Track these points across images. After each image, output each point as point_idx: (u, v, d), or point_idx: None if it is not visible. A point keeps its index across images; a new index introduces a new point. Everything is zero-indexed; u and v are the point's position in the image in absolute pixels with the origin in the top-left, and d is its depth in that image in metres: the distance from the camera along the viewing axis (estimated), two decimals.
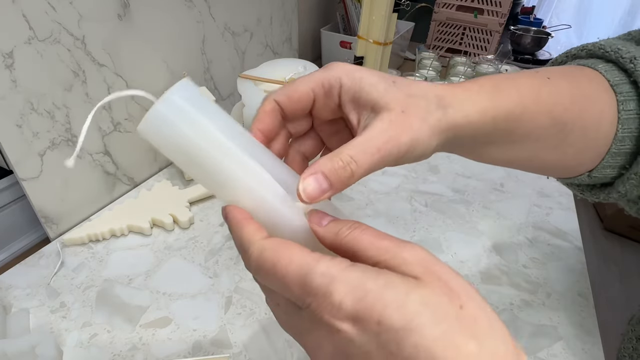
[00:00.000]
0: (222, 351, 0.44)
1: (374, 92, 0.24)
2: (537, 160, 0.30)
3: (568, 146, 0.29)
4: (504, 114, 0.26)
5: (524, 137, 0.28)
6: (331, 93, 0.25)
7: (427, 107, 0.24)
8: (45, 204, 0.54)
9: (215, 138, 0.21)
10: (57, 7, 0.48)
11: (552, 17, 2.24)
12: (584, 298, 0.52)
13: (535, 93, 0.27)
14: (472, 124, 0.25)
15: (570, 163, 0.31)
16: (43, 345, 0.40)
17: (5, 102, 0.46)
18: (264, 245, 0.20)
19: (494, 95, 0.26)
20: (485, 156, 0.29)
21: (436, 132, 0.24)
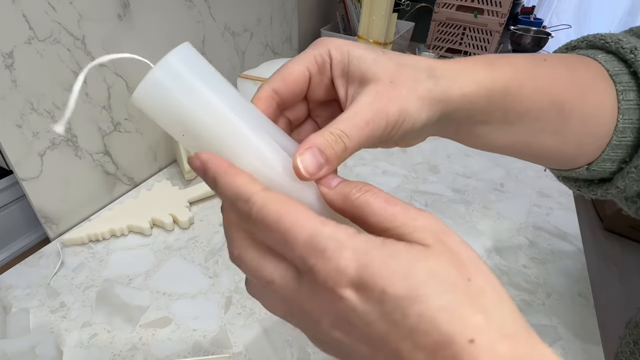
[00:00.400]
0: (222, 351, 0.44)
1: (362, 64, 0.23)
2: (536, 145, 0.29)
3: (569, 133, 0.28)
4: (501, 87, 0.25)
5: (522, 117, 0.27)
6: (324, 68, 0.24)
7: (417, 77, 0.23)
8: (45, 204, 0.54)
9: (217, 107, 0.20)
10: (57, 7, 0.48)
11: (552, 17, 2.24)
12: (584, 298, 0.52)
13: (532, 71, 0.27)
14: (466, 97, 0.24)
15: (570, 152, 0.30)
16: (43, 345, 0.40)
17: (5, 102, 0.46)
18: (268, 197, 0.18)
19: (489, 69, 0.25)
20: (481, 138, 0.28)
21: (426, 103, 0.23)
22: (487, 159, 0.79)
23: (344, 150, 0.21)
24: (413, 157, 0.79)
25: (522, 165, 0.78)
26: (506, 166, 0.77)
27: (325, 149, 0.21)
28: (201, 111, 0.20)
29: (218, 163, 0.20)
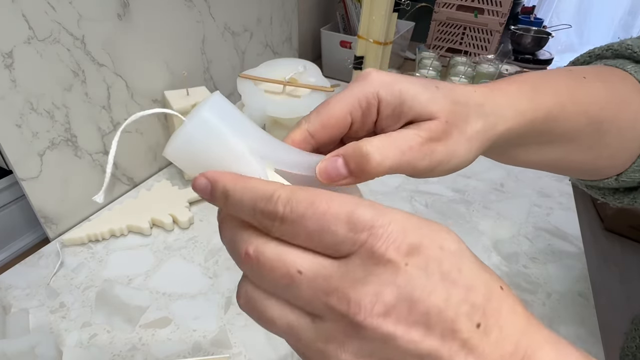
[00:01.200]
0: (222, 351, 0.44)
1: (416, 104, 0.22)
2: (567, 160, 0.29)
3: (604, 147, 0.28)
4: (543, 115, 0.25)
5: (559, 137, 0.27)
6: (369, 112, 0.23)
7: (468, 117, 0.23)
8: (44, 204, 0.54)
9: (248, 161, 0.20)
10: (56, 7, 0.48)
11: (553, 17, 2.24)
12: (584, 298, 0.52)
13: (572, 93, 0.27)
14: (510, 130, 0.24)
15: (602, 164, 0.30)
16: (43, 346, 0.40)
17: (5, 102, 0.46)
18: (292, 188, 0.17)
19: (533, 96, 0.25)
20: (514, 158, 0.28)
21: (475, 145, 0.23)
22: (487, 159, 0.79)
23: (372, 168, 0.21)
24: None
25: None
26: (506, 166, 0.77)
27: (350, 160, 0.20)
28: (228, 158, 0.20)
29: (227, 175, 0.19)
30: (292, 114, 0.56)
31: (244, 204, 0.18)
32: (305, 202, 0.16)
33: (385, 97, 0.22)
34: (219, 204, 0.20)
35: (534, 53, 1.39)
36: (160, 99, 0.66)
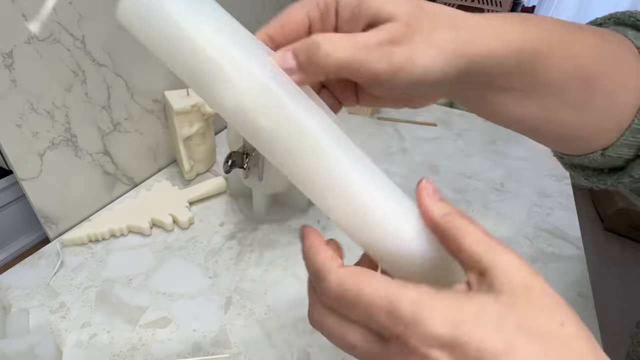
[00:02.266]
0: (222, 351, 0.44)
1: (374, 5, 0.21)
2: (555, 122, 0.26)
3: (591, 109, 0.26)
4: (530, 49, 0.22)
5: (546, 86, 0.24)
6: (328, 14, 0.22)
7: (436, 24, 0.21)
8: (44, 204, 0.54)
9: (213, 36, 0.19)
10: (57, 7, 0.48)
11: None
12: (584, 298, 0.52)
13: (564, 36, 0.24)
14: (492, 55, 0.21)
15: (588, 133, 0.27)
16: (43, 345, 0.40)
17: (5, 102, 0.46)
18: (342, 274, 0.19)
19: (521, 27, 0.22)
20: (498, 108, 0.25)
21: (443, 55, 0.20)
22: (487, 159, 0.79)
23: (322, 59, 0.20)
24: (413, 157, 0.79)
25: (523, 165, 0.78)
26: (506, 166, 0.77)
27: (300, 52, 0.20)
28: (188, 32, 0.19)
29: (310, 237, 0.22)
30: None
31: (307, 266, 0.21)
32: (353, 291, 0.18)
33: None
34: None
35: None
36: (161, 99, 0.66)
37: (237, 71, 0.19)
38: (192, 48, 0.19)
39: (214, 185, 0.65)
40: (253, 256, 0.55)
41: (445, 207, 0.20)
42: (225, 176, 0.67)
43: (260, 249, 0.57)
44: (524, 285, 0.17)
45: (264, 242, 0.58)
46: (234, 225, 0.60)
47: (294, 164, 0.21)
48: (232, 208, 0.64)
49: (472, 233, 0.19)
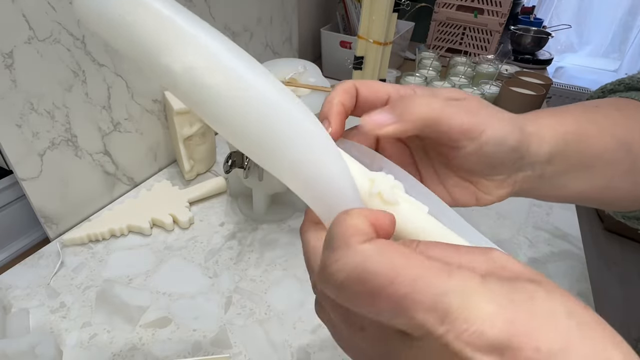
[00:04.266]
0: (222, 351, 0.44)
1: (448, 96, 0.25)
2: (611, 189, 0.29)
3: (638, 172, 0.29)
4: (571, 131, 0.26)
5: (596, 160, 0.28)
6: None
7: (496, 108, 0.25)
8: (45, 204, 0.54)
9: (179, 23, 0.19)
10: (57, 7, 0.48)
11: (552, 17, 2.24)
12: (584, 298, 0.52)
13: (590, 116, 0.28)
14: (544, 140, 0.25)
15: (639, 192, 0.31)
16: (43, 345, 0.40)
17: (5, 102, 0.46)
18: (367, 249, 0.15)
19: (554, 117, 0.27)
20: (563, 190, 0.29)
21: (507, 123, 0.24)
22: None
23: (421, 109, 0.22)
24: None
25: None
26: None
27: (396, 106, 0.23)
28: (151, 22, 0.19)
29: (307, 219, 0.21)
30: None
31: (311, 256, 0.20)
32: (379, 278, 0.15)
33: (420, 91, 0.26)
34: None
35: (534, 53, 1.39)
36: (161, 99, 0.66)
37: (183, 36, 0.20)
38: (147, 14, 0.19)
39: (214, 185, 0.65)
40: (253, 256, 0.55)
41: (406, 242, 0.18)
42: (225, 176, 0.67)
43: (260, 249, 0.57)
44: (531, 271, 0.16)
45: (264, 242, 0.58)
46: (234, 225, 0.60)
47: (242, 125, 0.19)
48: (232, 208, 0.64)
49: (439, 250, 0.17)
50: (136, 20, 0.18)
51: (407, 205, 0.21)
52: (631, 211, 0.33)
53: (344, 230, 0.16)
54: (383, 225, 0.17)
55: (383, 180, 0.21)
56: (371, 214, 0.17)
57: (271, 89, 0.19)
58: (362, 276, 0.15)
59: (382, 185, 0.21)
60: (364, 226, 0.16)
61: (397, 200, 0.21)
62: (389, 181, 0.21)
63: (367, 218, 0.17)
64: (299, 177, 0.19)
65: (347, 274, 0.15)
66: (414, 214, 0.21)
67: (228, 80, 0.19)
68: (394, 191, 0.21)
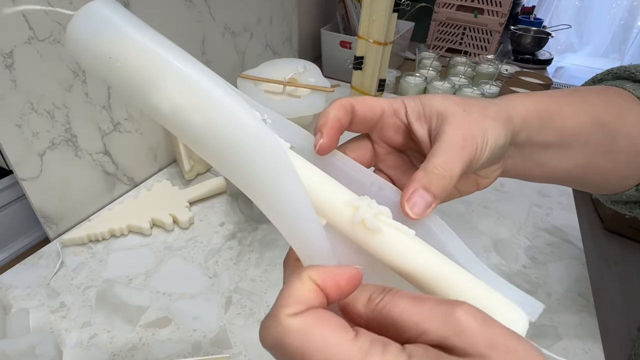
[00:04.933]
0: (222, 351, 0.44)
1: (435, 104, 0.26)
2: (593, 168, 0.30)
3: (618, 152, 0.30)
4: (544, 109, 0.28)
5: (575, 139, 0.29)
6: (399, 114, 0.27)
7: (482, 104, 0.26)
8: (45, 204, 0.54)
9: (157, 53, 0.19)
10: (57, 6, 0.48)
11: (552, 17, 2.24)
12: (584, 298, 0.52)
13: (566, 97, 0.29)
14: (522, 117, 0.27)
15: (621, 172, 0.32)
16: (43, 345, 0.40)
17: (5, 102, 0.46)
18: (290, 325, 0.16)
19: (529, 97, 0.28)
20: (545, 167, 0.30)
21: (499, 122, 0.25)
22: None
23: (450, 182, 0.23)
24: None
25: None
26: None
27: (431, 186, 0.23)
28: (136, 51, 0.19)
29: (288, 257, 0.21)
30: (292, 114, 0.56)
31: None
32: (296, 352, 0.16)
33: (409, 103, 0.27)
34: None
35: (534, 53, 1.39)
36: None
37: (170, 72, 0.19)
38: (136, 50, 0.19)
39: (214, 185, 0.65)
40: (253, 256, 0.55)
41: (360, 294, 0.18)
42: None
43: (260, 249, 0.57)
44: (487, 341, 0.15)
45: (264, 242, 0.58)
46: (234, 225, 0.60)
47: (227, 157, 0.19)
48: (232, 208, 0.64)
49: (399, 306, 0.17)
50: (124, 58, 0.19)
51: (392, 231, 0.21)
52: (616, 193, 0.34)
53: (281, 299, 0.17)
54: (337, 285, 0.17)
55: (366, 208, 0.21)
56: (324, 274, 0.17)
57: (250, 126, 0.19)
58: (279, 348, 0.17)
59: (365, 213, 0.21)
60: (304, 294, 0.17)
61: (380, 227, 0.21)
62: (372, 208, 0.21)
63: (316, 281, 0.17)
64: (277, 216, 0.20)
65: (270, 342, 0.17)
66: (399, 240, 0.21)
67: (212, 118, 0.19)
68: (379, 218, 0.21)
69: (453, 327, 0.15)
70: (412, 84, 0.97)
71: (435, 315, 0.16)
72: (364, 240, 0.21)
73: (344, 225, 0.21)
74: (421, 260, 0.21)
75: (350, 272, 0.18)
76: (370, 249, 0.21)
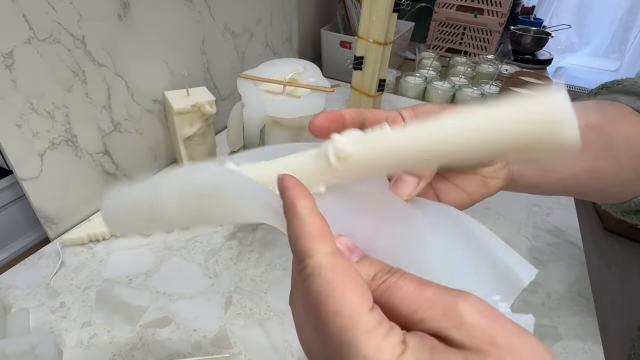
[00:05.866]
0: (222, 351, 0.44)
1: (425, 108, 0.27)
2: (598, 172, 0.31)
3: (620, 155, 0.30)
4: None
5: None
6: (395, 122, 0.27)
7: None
8: (45, 204, 0.54)
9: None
10: (57, 7, 0.48)
11: (552, 17, 2.24)
12: (584, 298, 0.52)
13: None
14: None
15: (626, 177, 0.32)
16: (43, 345, 0.40)
17: (5, 102, 0.46)
18: (323, 264, 0.16)
19: None
20: (552, 173, 0.30)
21: None
22: None
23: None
24: None
25: None
26: None
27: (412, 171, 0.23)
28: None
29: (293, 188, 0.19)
30: (292, 114, 0.56)
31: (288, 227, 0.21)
32: (318, 293, 0.16)
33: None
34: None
35: (534, 53, 1.39)
36: (161, 99, 0.66)
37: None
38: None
39: None
40: (253, 256, 0.55)
41: (366, 269, 0.18)
42: None
43: (260, 249, 0.57)
44: (489, 338, 0.15)
45: (264, 242, 0.58)
46: (234, 225, 0.60)
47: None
48: None
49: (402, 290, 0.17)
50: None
51: (370, 140, 0.20)
52: (625, 202, 0.34)
53: (304, 239, 0.18)
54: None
55: (329, 147, 0.21)
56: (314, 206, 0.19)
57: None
58: (305, 287, 0.17)
59: (329, 151, 0.20)
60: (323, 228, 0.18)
61: (347, 149, 0.20)
62: (334, 142, 0.20)
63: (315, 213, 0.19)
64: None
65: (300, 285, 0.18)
66: (380, 140, 0.20)
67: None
68: (342, 144, 0.20)
69: (453, 319, 0.15)
70: (412, 84, 0.97)
71: (436, 305, 0.15)
72: (350, 172, 0.21)
73: (328, 176, 0.21)
74: (411, 147, 0.19)
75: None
76: (362, 173, 0.21)
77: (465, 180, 0.29)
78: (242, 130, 0.52)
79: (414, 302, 0.16)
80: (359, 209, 0.22)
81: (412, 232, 0.22)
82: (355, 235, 0.20)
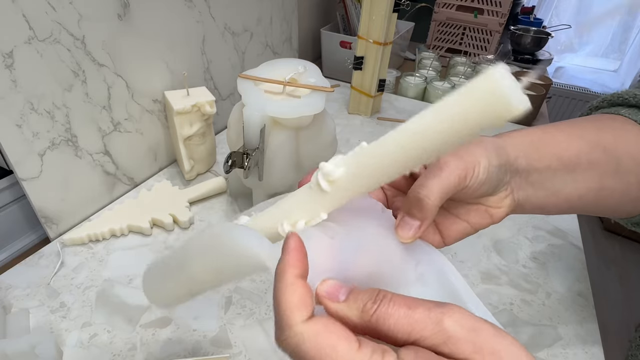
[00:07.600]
0: (222, 351, 0.44)
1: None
2: (606, 190, 0.30)
3: (626, 172, 0.30)
4: (537, 137, 0.29)
5: (574, 162, 0.29)
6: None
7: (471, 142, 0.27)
8: (45, 204, 0.54)
9: None
10: (57, 7, 0.48)
11: (552, 17, 2.24)
12: (584, 298, 0.52)
13: (556, 127, 0.30)
14: (514, 144, 0.28)
15: (637, 193, 0.31)
16: (43, 345, 0.40)
17: (5, 102, 0.46)
18: (304, 332, 0.17)
19: (521, 131, 0.29)
20: (559, 194, 0.30)
21: (488, 145, 0.26)
22: None
23: (429, 202, 0.24)
24: None
25: None
26: None
27: (411, 211, 0.24)
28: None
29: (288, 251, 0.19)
30: (292, 114, 0.56)
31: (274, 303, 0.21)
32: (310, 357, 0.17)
33: None
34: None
35: (534, 53, 1.39)
36: (161, 99, 0.66)
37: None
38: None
39: (214, 185, 0.65)
40: None
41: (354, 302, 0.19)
42: (225, 176, 0.67)
43: None
44: (475, 346, 0.16)
45: None
46: None
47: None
48: (232, 208, 0.64)
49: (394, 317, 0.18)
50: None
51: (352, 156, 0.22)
52: (635, 216, 0.34)
53: (285, 308, 0.18)
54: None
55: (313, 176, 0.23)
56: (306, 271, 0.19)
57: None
58: (298, 355, 0.18)
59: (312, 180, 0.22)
60: (306, 300, 0.19)
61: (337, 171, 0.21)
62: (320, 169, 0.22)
63: (303, 283, 0.19)
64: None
65: (290, 351, 0.18)
66: (362, 155, 0.21)
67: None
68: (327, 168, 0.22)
69: (442, 336, 0.16)
70: (412, 84, 0.97)
71: (427, 325, 0.17)
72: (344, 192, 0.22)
73: (325, 202, 0.23)
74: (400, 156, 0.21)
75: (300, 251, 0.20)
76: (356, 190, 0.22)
77: (468, 211, 0.29)
78: (242, 130, 0.52)
79: (407, 325, 0.17)
80: (360, 248, 0.23)
81: (400, 280, 0.23)
82: (352, 270, 0.22)
